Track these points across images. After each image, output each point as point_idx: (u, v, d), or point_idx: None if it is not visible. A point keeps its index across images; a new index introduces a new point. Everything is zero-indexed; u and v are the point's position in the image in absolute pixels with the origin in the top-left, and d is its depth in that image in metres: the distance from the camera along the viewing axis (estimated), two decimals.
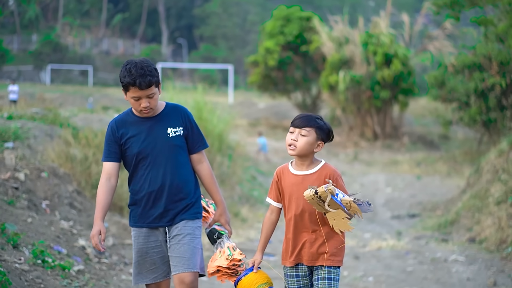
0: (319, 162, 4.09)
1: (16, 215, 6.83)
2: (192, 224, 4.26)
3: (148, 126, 4.22)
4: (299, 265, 4.07)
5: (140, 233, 4.27)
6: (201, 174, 4.35)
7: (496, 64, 20.37)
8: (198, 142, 4.34)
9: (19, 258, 5.72)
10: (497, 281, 7.60)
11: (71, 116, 13.60)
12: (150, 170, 4.21)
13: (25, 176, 7.84)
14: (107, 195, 4.21)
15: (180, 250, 4.19)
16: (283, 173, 4.16)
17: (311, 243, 4.02)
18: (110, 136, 4.25)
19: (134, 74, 4.09)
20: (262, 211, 12.77)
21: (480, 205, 10.97)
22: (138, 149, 4.20)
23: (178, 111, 4.32)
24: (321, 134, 4.06)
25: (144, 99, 4.13)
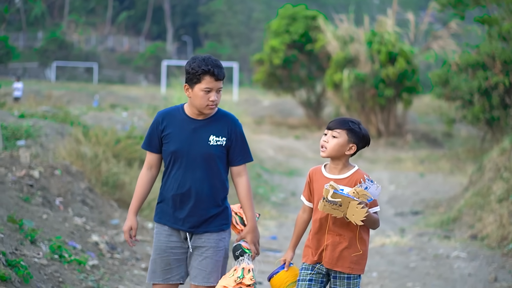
0: (352, 167, 4.12)
1: (32, 211, 7.08)
2: (216, 237, 4.22)
3: (193, 127, 4.18)
4: (317, 264, 4.11)
5: (163, 231, 4.24)
6: (239, 187, 4.27)
7: (499, 63, 20.51)
8: (240, 155, 4.26)
9: (37, 253, 5.97)
10: (498, 277, 7.82)
11: (81, 115, 13.85)
12: (182, 172, 4.17)
13: (39, 174, 8.09)
14: (146, 186, 4.27)
15: (202, 263, 4.17)
16: (315, 174, 4.18)
17: (333, 246, 4.04)
18: (154, 126, 4.24)
19: (210, 64, 4.09)
20: (267, 208, 13.00)
21: (482, 203, 11.17)
22: (175, 147, 4.17)
23: (226, 120, 4.24)
24: (353, 137, 4.07)
25: (214, 92, 4.12)
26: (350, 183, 4.02)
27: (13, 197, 7.19)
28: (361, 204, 3.84)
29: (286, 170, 19.44)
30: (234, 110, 21.22)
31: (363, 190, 3.86)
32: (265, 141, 24.39)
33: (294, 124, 31.34)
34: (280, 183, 16.85)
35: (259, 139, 23.56)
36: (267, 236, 10.36)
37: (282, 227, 11.26)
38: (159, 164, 4.31)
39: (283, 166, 20.09)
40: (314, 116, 31.47)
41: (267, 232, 10.71)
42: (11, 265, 5.12)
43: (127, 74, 65.75)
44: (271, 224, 11.43)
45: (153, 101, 33.13)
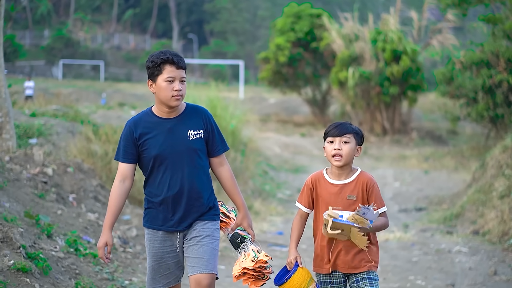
0: (356, 170, 4.09)
1: (46, 207, 7.35)
2: (211, 226, 4.17)
3: (168, 127, 4.10)
4: (333, 272, 4.07)
5: (156, 237, 4.16)
6: (222, 176, 4.24)
7: (503, 61, 20.70)
8: (219, 145, 4.22)
9: (54, 247, 6.24)
10: (498, 270, 8.05)
11: (90, 113, 14.11)
12: (169, 173, 4.09)
13: (52, 171, 8.35)
14: (120, 200, 4.11)
15: (199, 251, 4.10)
16: (319, 181, 4.11)
17: (347, 250, 4.00)
18: (127, 136, 4.12)
19: (169, 53, 4.07)
20: (274, 205, 13.23)
21: (484, 199, 11.39)
22: (157, 151, 4.07)
23: (199, 113, 4.20)
24: (358, 139, 4.09)
25: (178, 82, 4.05)
26: (357, 186, 4.00)
27: (28, 193, 7.46)
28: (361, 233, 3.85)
29: (292, 167, 19.67)
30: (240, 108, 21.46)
31: (361, 217, 3.82)
32: (271, 138, 24.62)
33: (300, 121, 31.55)
34: (286, 180, 17.08)
35: (265, 137, 23.80)
36: (274, 231, 10.62)
37: (288, 223, 11.50)
38: (133, 175, 4.18)
39: (289, 163, 20.32)
40: (319, 113, 31.68)
41: (273, 227, 10.97)
42: (31, 257, 5.40)
43: (133, 72, 66.00)
44: (277, 220, 11.68)
45: None
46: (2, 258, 5.17)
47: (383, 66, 26.00)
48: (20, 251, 5.34)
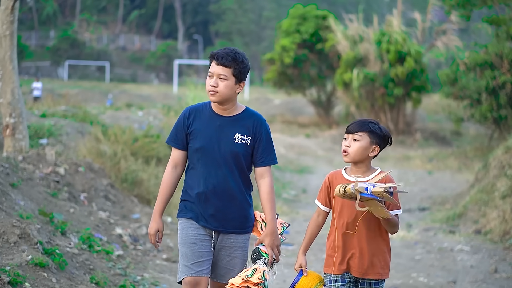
0: (374, 170, 4.06)
1: (59, 206, 7.58)
2: (244, 237, 4.21)
3: (218, 124, 4.14)
4: (345, 274, 4.03)
5: (190, 224, 4.17)
6: (260, 189, 4.22)
7: (507, 63, 20.85)
8: (264, 157, 4.19)
9: (68, 243, 6.46)
10: (498, 268, 8.25)
11: (99, 114, 14.34)
12: (207, 169, 4.12)
13: (64, 171, 8.58)
14: (171, 186, 4.18)
15: (231, 263, 4.17)
16: (336, 178, 4.09)
17: (361, 253, 3.98)
18: (180, 122, 4.19)
19: (221, 50, 4.12)
20: (279, 204, 13.43)
21: (486, 199, 11.57)
22: (200, 144, 4.13)
23: (253, 120, 4.18)
24: (375, 138, 4.02)
25: (215, 78, 4.08)
26: None
27: (41, 192, 7.68)
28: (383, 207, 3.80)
29: (297, 167, 19.87)
30: None
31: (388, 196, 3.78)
32: (276, 139, 24.80)
33: (305, 122, 31.75)
34: (291, 180, 17.28)
35: None
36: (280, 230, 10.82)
37: (294, 222, 11.71)
38: (185, 163, 4.23)
39: (294, 163, 20.52)
40: (324, 114, 31.87)
41: None
42: (47, 253, 5.63)
43: (139, 72, 66.27)
44: (283, 219, 11.87)
45: (166, 99, 33.61)
46: (21, 254, 5.41)
47: (388, 68, 26.18)
48: (37, 247, 5.58)
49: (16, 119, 8.72)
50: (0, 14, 8.73)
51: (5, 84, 8.72)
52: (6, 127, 8.71)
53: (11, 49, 8.81)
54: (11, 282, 4.88)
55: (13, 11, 8.72)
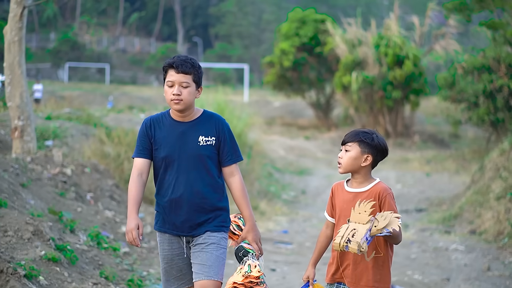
0: (373, 180, 4.03)
1: (67, 205, 7.86)
2: (217, 235, 4.16)
3: (180, 130, 4.14)
4: (340, 284, 4.02)
5: (164, 239, 4.19)
6: (232, 187, 4.21)
7: (504, 66, 21.07)
8: (230, 155, 4.20)
9: (78, 240, 6.74)
10: (491, 267, 8.53)
11: (102, 116, 14.61)
12: (175, 176, 4.10)
13: (71, 172, 8.86)
14: (139, 190, 4.11)
15: (202, 257, 4.10)
16: (338, 189, 4.12)
17: (356, 264, 3.95)
18: (143, 132, 4.18)
19: (177, 58, 4.12)
20: (279, 205, 13.70)
21: (481, 200, 11.85)
22: (165, 153, 4.12)
23: (214, 120, 4.21)
24: (366, 148, 3.99)
25: (177, 86, 4.06)
26: (370, 196, 3.93)
27: (50, 192, 7.96)
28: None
29: (297, 169, 20.13)
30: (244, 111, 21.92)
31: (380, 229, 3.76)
32: (276, 141, 25.09)
33: (304, 125, 32.02)
34: (290, 182, 17.55)
35: (270, 140, 24.27)
36: (279, 230, 11.11)
37: (293, 222, 12.00)
38: (148, 171, 4.20)
39: (293, 165, 20.78)
40: (323, 117, 32.15)
41: (279, 226, 11.46)
42: (59, 249, 5.92)
43: (139, 74, 66.49)
44: (282, 220, 12.17)
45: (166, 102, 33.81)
46: (34, 249, 5.70)
47: (386, 71, 26.43)
48: (50, 243, 5.86)
49: (24, 121, 8.99)
50: (9, 21, 9.02)
51: (14, 88, 9.00)
52: (15, 129, 8.98)
53: (19, 54, 9.10)
54: (27, 276, 5.17)
55: (22, 18, 9.00)
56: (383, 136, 17.08)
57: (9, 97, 9.05)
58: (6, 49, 9.08)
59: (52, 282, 5.43)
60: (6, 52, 9.10)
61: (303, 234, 10.98)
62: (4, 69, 9.14)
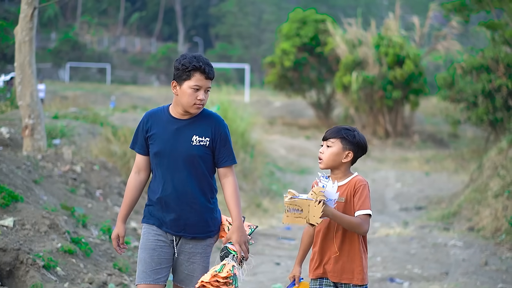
0: (351, 174, 4.07)
1: (78, 201, 8.12)
2: (204, 243, 4.16)
3: (176, 128, 4.09)
4: (324, 279, 4.05)
5: (151, 230, 4.12)
6: (225, 188, 4.16)
7: (503, 66, 21.29)
8: (225, 157, 4.16)
9: (90, 234, 7.00)
10: (488, 262, 8.79)
11: (108, 115, 14.87)
12: (165, 173, 4.06)
13: (81, 169, 9.11)
14: (135, 191, 4.13)
15: (189, 268, 4.13)
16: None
17: (336, 258, 3.98)
18: (140, 127, 4.16)
19: (202, 61, 4.04)
20: (281, 203, 13.95)
21: (480, 198, 12.11)
22: (158, 149, 4.07)
23: (211, 121, 4.15)
24: (347, 144, 4.03)
25: (203, 91, 4.05)
26: (347, 189, 3.98)
27: (61, 188, 8.22)
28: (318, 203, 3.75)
29: (298, 168, 20.39)
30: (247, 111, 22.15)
31: (320, 188, 3.78)
32: (277, 141, 25.34)
33: (305, 124, 32.27)
34: (292, 181, 17.80)
35: (271, 139, 24.53)
36: (282, 226, 11.37)
37: None
38: (148, 168, 4.17)
39: (294, 165, 21.03)
40: (324, 117, 32.41)
41: (281, 223, 11.72)
42: (74, 241, 6.20)
43: (139, 74, 66.68)
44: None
45: (167, 101, 34.04)
46: (51, 242, 5.96)
47: (386, 71, 26.66)
48: (66, 236, 6.13)
49: (34, 120, 9.25)
50: (20, 22, 9.27)
51: (25, 88, 9.25)
52: (26, 128, 9.24)
53: (30, 54, 9.34)
54: (45, 266, 5.45)
55: (32, 18, 9.26)
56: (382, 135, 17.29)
57: (19, 96, 9.30)
58: (16, 49, 9.33)
59: (69, 272, 5.70)
60: (16, 52, 9.34)
61: None
62: (15, 68, 9.39)
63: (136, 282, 4.12)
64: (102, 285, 5.83)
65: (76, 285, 5.68)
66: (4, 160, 7.57)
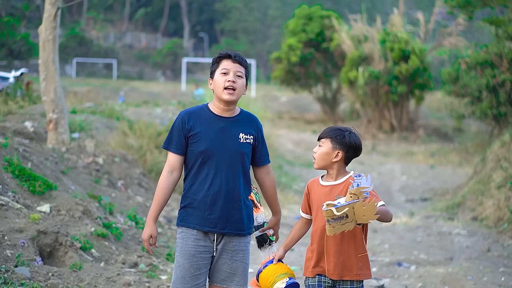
0: (347, 173, 4.11)
1: (103, 191, 8.61)
2: (246, 240, 4.19)
3: (221, 126, 4.10)
4: (322, 277, 4.06)
5: (190, 235, 4.08)
6: (266, 184, 4.27)
7: (506, 62, 21.61)
8: (265, 155, 4.28)
9: (118, 220, 7.48)
10: (491, 248, 9.26)
11: (122, 110, 15.35)
12: (213, 171, 4.06)
13: (103, 161, 9.59)
14: (166, 192, 4.08)
15: (232, 266, 4.12)
16: (313, 185, 4.19)
17: (336, 256, 3.99)
18: (179, 126, 4.08)
19: (227, 51, 4.17)
20: (291, 195, 14.43)
21: (483, 189, 12.55)
22: (205, 147, 4.06)
23: (252, 120, 4.22)
24: (336, 144, 4.09)
25: (232, 74, 4.07)
26: (346, 187, 4.00)
27: (86, 179, 8.71)
28: (366, 201, 3.77)
29: (305, 162, 20.83)
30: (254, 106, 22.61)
31: (358, 188, 3.80)
32: (284, 135, 25.78)
33: (311, 119, 32.68)
34: (300, 174, 18.26)
35: (279, 134, 24.97)
36: (293, 216, 11.84)
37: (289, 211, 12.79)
38: (181, 168, 4.14)
39: (301, 158, 21.48)
40: (330, 111, 32.82)
41: (292, 213, 12.20)
42: (106, 226, 6.70)
43: (145, 70, 67.08)
44: (295, 208, 12.92)
45: (174, 97, 34.59)
46: (85, 226, 6.46)
47: (392, 66, 27.03)
48: (98, 221, 6.64)
49: (58, 114, 9.72)
50: (44, 21, 9.73)
51: (49, 84, 9.72)
52: (50, 122, 9.71)
53: (53, 52, 9.81)
54: (82, 248, 5.95)
55: (56, 18, 9.72)
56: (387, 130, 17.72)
57: (43, 92, 9.77)
58: (41, 47, 9.80)
59: (102, 254, 6.20)
60: (41, 50, 9.81)
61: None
62: (39, 66, 9.86)
63: (173, 287, 4.12)
64: (133, 265, 6.34)
65: (110, 265, 6.19)
66: (33, 153, 8.05)
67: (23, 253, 5.73)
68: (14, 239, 5.81)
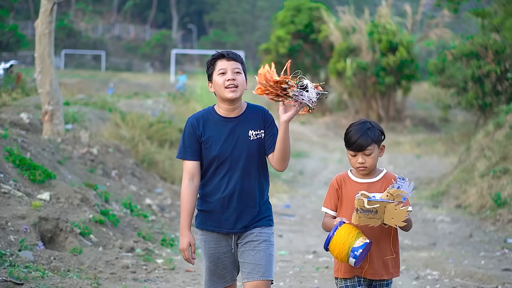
0: (381, 171, 4.03)
1: (98, 180, 8.90)
2: (267, 231, 4.12)
3: (230, 127, 4.07)
4: (356, 278, 3.99)
5: (211, 238, 4.11)
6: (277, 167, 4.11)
7: (491, 53, 21.92)
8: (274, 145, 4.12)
9: (114, 208, 7.78)
10: (473, 234, 9.62)
11: (114, 102, 15.61)
12: (227, 174, 4.05)
13: (97, 151, 9.87)
14: (192, 199, 4.04)
15: (256, 257, 4.05)
16: (344, 181, 4.06)
17: (375, 255, 3.94)
18: (191, 132, 4.08)
19: (221, 51, 4.15)
20: (279, 184, 14.73)
21: (467, 178, 12.90)
22: (217, 151, 4.05)
23: (259, 112, 4.20)
24: (379, 141, 4.02)
25: (230, 72, 4.06)
26: (384, 185, 3.92)
27: (81, 169, 9.00)
28: (399, 205, 3.71)
29: (294, 152, 21.11)
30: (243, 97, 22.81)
31: (397, 190, 3.74)
32: None
33: None
34: (289, 164, 18.54)
35: None
36: (282, 205, 12.17)
37: (294, 199, 13.07)
38: (200, 173, 4.11)
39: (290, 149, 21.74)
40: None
41: (281, 202, 12.53)
42: (103, 213, 7.00)
43: (134, 61, 67.09)
44: (284, 196, 13.26)
45: (163, 88, 34.79)
46: (84, 213, 6.78)
47: (379, 57, 27.35)
48: (96, 208, 6.95)
49: (53, 106, 9.99)
50: (40, 16, 9.99)
51: (44, 76, 9.98)
52: (45, 113, 9.97)
53: (49, 46, 10.08)
54: (81, 233, 6.28)
55: (52, 12, 9.97)
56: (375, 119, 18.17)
57: (39, 84, 10.03)
58: (37, 41, 10.06)
59: (100, 239, 6.52)
60: (37, 43, 10.07)
61: (304, 208, 12.05)
62: (35, 59, 10.12)
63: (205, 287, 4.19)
64: (130, 250, 6.68)
65: (109, 249, 6.52)
66: (31, 143, 8.33)
67: (26, 238, 6.05)
68: (17, 225, 6.14)
